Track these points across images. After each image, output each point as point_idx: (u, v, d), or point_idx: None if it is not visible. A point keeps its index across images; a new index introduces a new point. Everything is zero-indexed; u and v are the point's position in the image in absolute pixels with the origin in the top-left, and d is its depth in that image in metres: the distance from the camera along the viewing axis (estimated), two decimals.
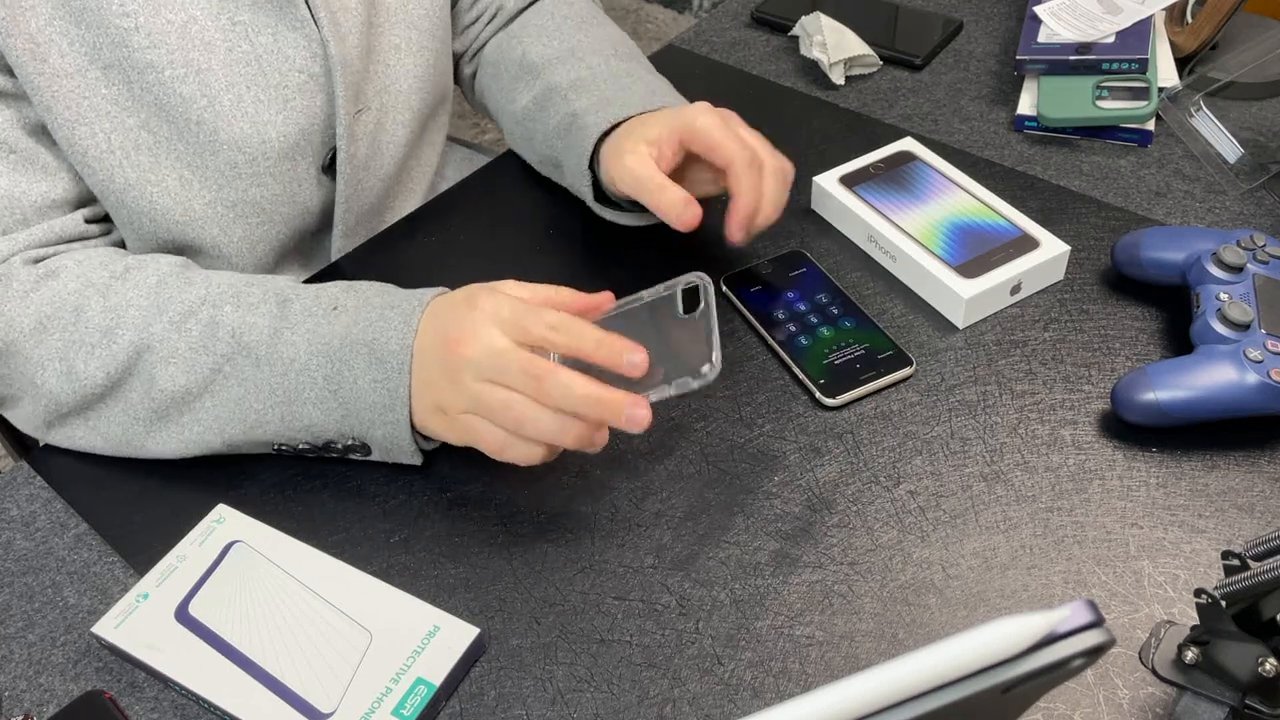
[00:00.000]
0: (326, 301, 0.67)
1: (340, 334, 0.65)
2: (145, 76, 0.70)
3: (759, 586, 0.62)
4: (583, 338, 0.61)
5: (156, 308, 0.67)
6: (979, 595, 0.61)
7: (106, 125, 0.71)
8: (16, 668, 0.62)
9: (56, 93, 0.69)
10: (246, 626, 0.60)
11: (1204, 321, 0.68)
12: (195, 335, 0.66)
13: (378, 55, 0.81)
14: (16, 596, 0.65)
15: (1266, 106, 0.92)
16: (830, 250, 0.82)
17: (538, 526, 0.66)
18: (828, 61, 0.97)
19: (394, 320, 0.64)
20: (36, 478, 0.71)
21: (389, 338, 0.64)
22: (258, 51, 0.73)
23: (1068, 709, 0.56)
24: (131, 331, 0.67)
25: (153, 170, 0.73)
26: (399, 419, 0.65)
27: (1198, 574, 0.61)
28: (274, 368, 0.66)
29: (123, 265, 0.70)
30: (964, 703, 0.30)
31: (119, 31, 0.68)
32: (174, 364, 0.66)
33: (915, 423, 0.70)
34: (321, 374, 0.65)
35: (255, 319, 0.66)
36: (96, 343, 0.67)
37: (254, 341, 0.66)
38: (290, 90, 0.75)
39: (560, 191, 0.89)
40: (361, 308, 0.66)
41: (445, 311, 0.64)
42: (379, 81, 0.81)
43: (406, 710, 0.56)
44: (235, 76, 0.72)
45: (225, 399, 0.66)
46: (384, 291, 0.67)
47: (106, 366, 0.66)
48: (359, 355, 0.64)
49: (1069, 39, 0.93)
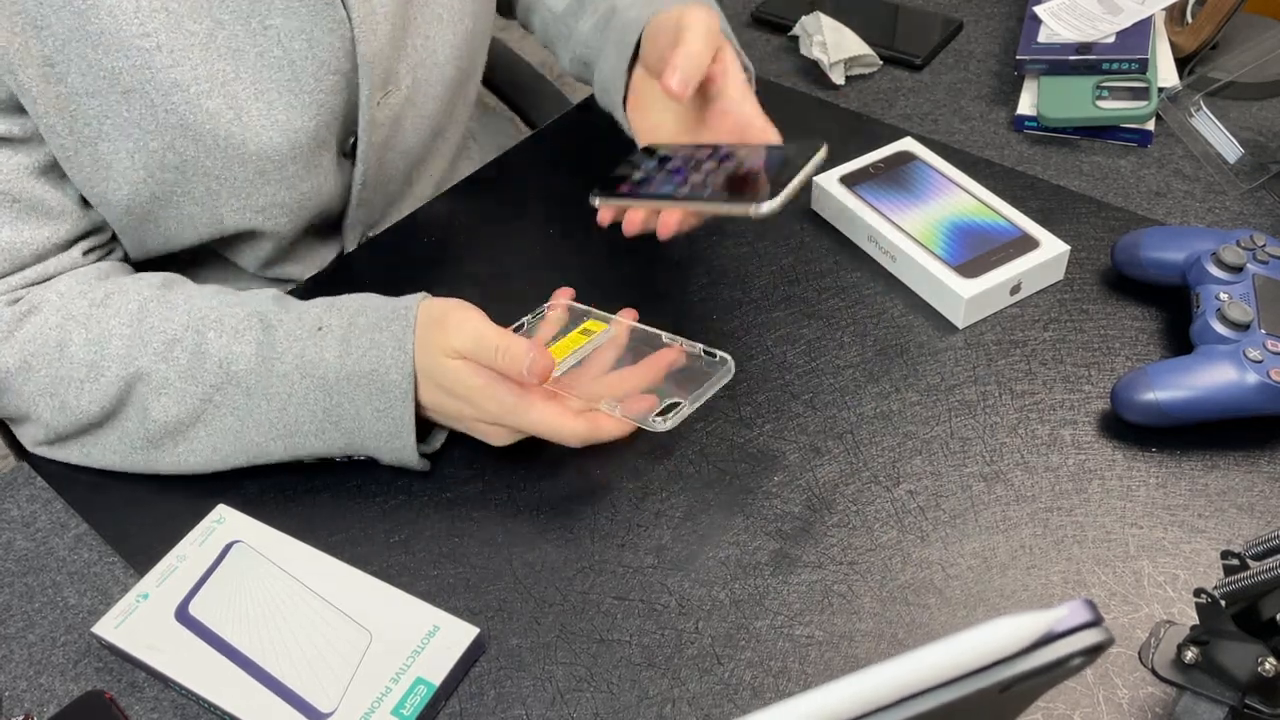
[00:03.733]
0: (310, 322, 0.66)
1: (333, 364, 0.65)
2: (170, 98, 0.68)
3: (759, 586, 0.62)
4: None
5: (140, 338, 0.67)
6: (978, 595, 0.61)
7: (129, 145, 0.69)
8: (16, 668, 0.62)
9: (76, 112, 0.67)
10: (246, 626, 0.60)
11: (1204, 321, 0.68)
12: (183, 364, 0.66)
13: (417, 28, 0.78)
14: (17, 596, 0.65)
15: (1266, 106, 0.92)
16: (830, 250, 0.82)
17: (538, 526, 0.66)
18: (828, 61, 0.97)
19: (387, 346, 0.64)
20: (36, 478, 0.71)
21: (388, 367, 0.64)
22: (291, 57, 0.70)
23: (1067, 709, 0.56)
24: (117, 364, 0.66)
25: (178, 184, 0.72)
26: (405, 444, 0.65)
27: (1197, 574, 0.61)
28: (270, 401, 0.65)
29: (103, 292, 0.69)
30: (962, 702, 0.30)
31: (140, 53, 0.66)
32: (165, 394, 0.66)
33: (915, 423, 0.70)
34: (320, 407, 0.65)
35: (241, 348, 0.66)
36: (84, 377, 0.66)
37: (242, 371, 0.65)
38: (324, 93, 0.73)
39: (561, 192, 0.89)
40: (349, 331, 0.65)
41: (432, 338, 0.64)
42: (414, 57, 0.78)
43: (406, 710, 0.56)
44: (265, 83, 0.70)
45: (219, 428, 0.66)
46: (365, 309, 0.67)
47: (99, 400, 0.66)
48: (359, 388, 0.64)
49: (1069, 39, 0.92)
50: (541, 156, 0.94)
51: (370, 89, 0.75)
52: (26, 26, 0.63)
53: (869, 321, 0.77)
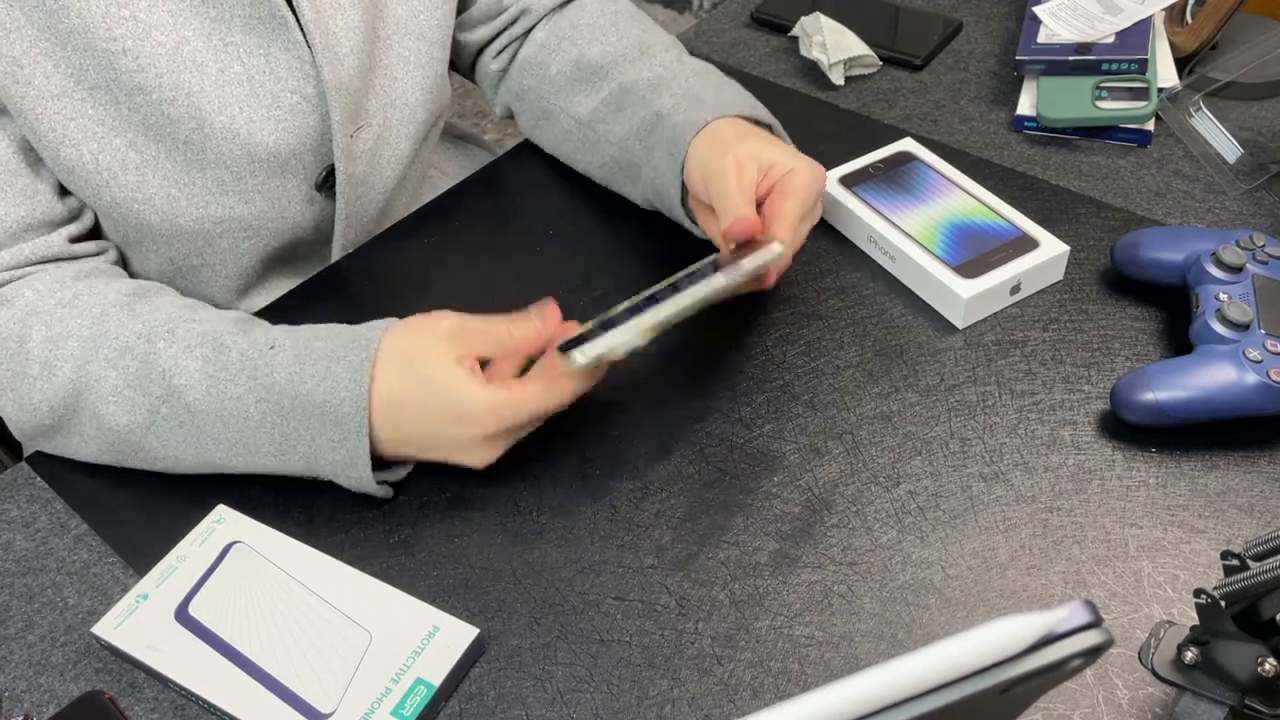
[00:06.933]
0: (264, 342, 0.66)
1: (284, 388, 0.63)
2: (133, 98, 0.69)
3: (758, 586, 0.62)
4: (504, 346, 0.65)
5: (93, 341, 0.66)
6: (978, 595, 0.61)
7: (94, 146, 0.70)
8: (16, 668, 0.62)
9: (42, 114, 0.68)
10: (246, 627, 0.60)
11: (1203, 321, 0.68)
12: (132, 372, 0.66)
13: (384, 69, 0.79)
14: (16, 597, 0.65)
15: (1266, 106, 0.92)
16: (829, 250, 0.82)
17: (538, 526, 0.66)
18: (828, 62, 0.97)
19: (342, 378, 0.63)
20: (36, 478, 0.71)
21: (341, 399, 0.63)
22: (249, 72, 0.72)
23: (1067, 709, 0.56)
24: (69, 365, 0.66)
25: (139, 189, 0.72)
26: (362, 475, 0.65)
27: (1197, 574, 0.61)
28: (226, 422, 0.65)
29: (72, 292, 0.69)
30: (962, 703, 0.30)
31: (105, 54, 0.67)
32: (114, 402, 0.66)
33: (915, 423, 0.70)
34: (278, 431, 0.64)
35: (188, 363, 0.65)
36: (37, 375, 0.67)
37: (183, 386, 0.65)
38: (282, 111, 0.74)
39: (561, 192, 0.89)
40: (304, 352, 0.64)
41: (403, 377, 0.63)
42: (383, 97, 0.80)
43: (406, 710, 0.56)
44: (227, 97, 0.71)
45: (172, 440, 0.66)
46: (323, 335, 0.66)
47: (50, 400, 0.67)
48: (312, 417, 0.63)
49: (1069, 39, 0.93)
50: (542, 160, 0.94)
51: (340, 117, 0.76)
52: None
53: (869, 322, 0.77)
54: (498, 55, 0.91)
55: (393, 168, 0.84)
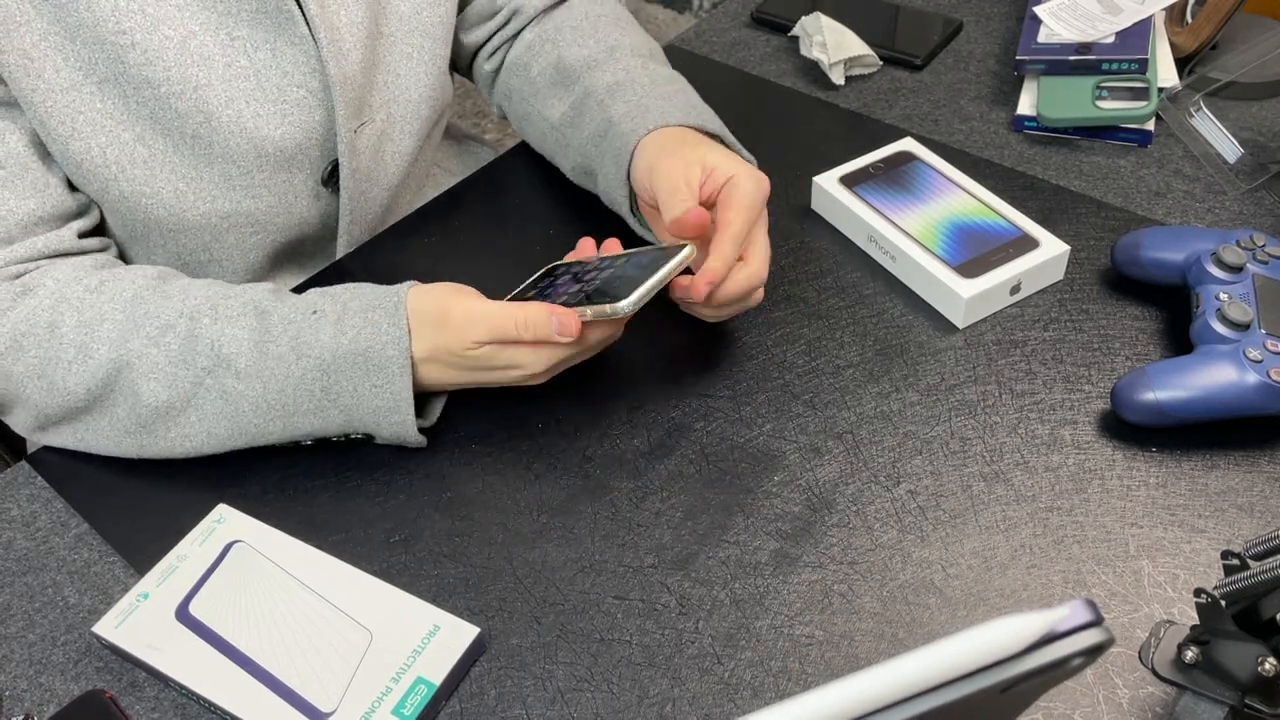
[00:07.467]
0: (305, 307, 0.67)
1: (329, 344, 0.65)
2: (141, 92, 0.70)
3: (759, 586, 0.62)
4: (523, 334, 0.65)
5: (132, 322, 0.67)
6: (979, 595, 0.61)
7: (102, 139, 0.70)
8: (17, 667, 0.62)
9: (51, 108, 0.68)
10: (247, 626, 0.60)
11: (1204, 321, 0.68)
12: (174, 349, 0.66)
13: (388, 65, 0.80)
14: (17, 596, 0.65)
15: (1266, 106, 0.92)
16: (830, 250, 0.82)
17: (538, 526, 0.66)
18: (828, 61, 0.97)
19: (382, 324, 0.65)
20: (37, 477, 0.71)
21: (383, 344, 0.65)
22: (256, 66, 0.72)
23: (1068, 708, 0.56)
24: (107, 347, 0.66)
25: (147, 183, 0.73)
26: (405, 419, 0.66)
27: (1197, 574, 0.61)
28: (266, 383, 0.66)
29: (98, 279, 0.69)
30: (963, 702, 0.30)
31: (115, 48, 0.68)
32: (154, 379, 0.66)
33: (915, 423, 0.70)
34: (319, 386, 0.66)
35: (235, 331, 0.66)
36: (73, 359, 0.67)
37: (233, 354, 0.66)
38: (289, 105, 0.74)
39: (561, 192, 0.89)
40: (343, 313, 0.66)
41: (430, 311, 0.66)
42: (386, 93, 0.80)
43: (407, 710, 0.56)
44: (234, 91, 0.72)
45: (211, 412, 0.67)
46: (358, 294, 0.68)
47: (86, 382, 0.67)
48: (355, 365, 0.65)
49: (1069, 39, 0.93)
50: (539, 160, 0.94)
51: (344, 111, 0.76)
52: (6, 21, 0.66)
53: (869, 321, 0.77)
54: (491, 56, 0.92)
55: (396, 164, 0.85)
